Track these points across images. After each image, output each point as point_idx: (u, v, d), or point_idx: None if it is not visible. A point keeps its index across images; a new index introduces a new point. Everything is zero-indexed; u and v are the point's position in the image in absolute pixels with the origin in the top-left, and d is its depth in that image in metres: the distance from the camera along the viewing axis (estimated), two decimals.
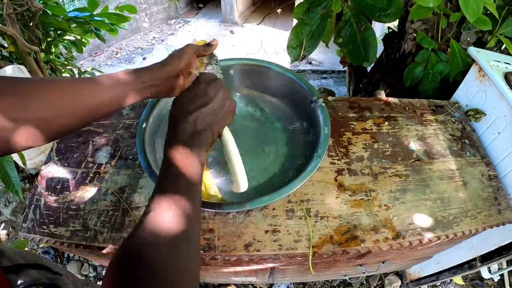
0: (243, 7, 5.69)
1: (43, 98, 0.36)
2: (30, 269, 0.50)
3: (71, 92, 0.39)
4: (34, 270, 0.50)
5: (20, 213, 1.61)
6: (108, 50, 4.64)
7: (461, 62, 1.05)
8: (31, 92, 0.35)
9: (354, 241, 0.64)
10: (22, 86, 0.35)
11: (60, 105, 0.37)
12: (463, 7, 0.86)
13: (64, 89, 0.39)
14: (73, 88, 0.39)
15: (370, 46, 1.14)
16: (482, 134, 0.88)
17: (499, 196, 0.76)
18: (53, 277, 0.53)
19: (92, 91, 0.41)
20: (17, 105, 0.34)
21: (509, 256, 0.86)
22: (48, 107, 0.36)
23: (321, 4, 1.15)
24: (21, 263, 0.49)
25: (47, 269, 0.53)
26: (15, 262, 0.48)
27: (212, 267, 0.80)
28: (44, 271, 0.52)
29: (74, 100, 0.39)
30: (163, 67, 0.48)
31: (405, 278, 1.39)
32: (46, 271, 0.53)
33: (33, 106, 0.35)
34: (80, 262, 1.48)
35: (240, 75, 0.83)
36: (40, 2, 1.41)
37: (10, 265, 0.47)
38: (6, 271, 0.45)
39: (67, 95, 0.38)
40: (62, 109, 0.37)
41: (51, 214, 0.68)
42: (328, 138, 0.66)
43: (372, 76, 1.53)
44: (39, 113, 0.35)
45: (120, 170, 0.74)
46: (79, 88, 0.40)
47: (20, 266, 0.49)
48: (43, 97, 0.36)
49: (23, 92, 0.35)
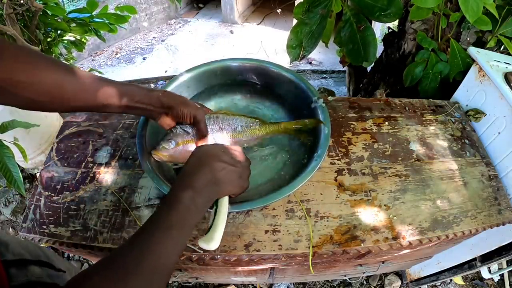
0: (243, 7, 5.69)
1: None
2: (33, 265, 0.50)
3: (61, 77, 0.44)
4: (37, 267, 0.50)
5: (20, 213, 1.61)
6: (108, 50, 4.64)
7: (461, 62, 1.05)
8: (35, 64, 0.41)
9: (354, 241, 0.64)
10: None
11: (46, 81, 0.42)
12: (463, 7, 0.86)
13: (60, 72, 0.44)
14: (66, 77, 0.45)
15: (370, 46, 1.14)
16: (482, 134, 0.88)
17: (499, 196, 0.76)
18: (56, 274, 0.53)
19: (80, 88, 0.46)
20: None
21: (509, 256, 0.86)
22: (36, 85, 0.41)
23: (321, 4, 1.15)
24: (25, 258, 0.50)
25: (51, 266, 0.53)
26: (19, 257, 0.49)
27: (212, 267, 0.80)
28: (47, 268, 0.52)
29: (59, 86, 0.44)
30: (161, 97, 0.54)
31: (405, 278, 1.39)
32: (49, 268, 0.53)
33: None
34: (80, 262, 1.48)
35: (240, 76, 0.83)
36: (40, 2, 1.40)
37: (13, 259, 0.47)
38: (8, 265, 0.45)
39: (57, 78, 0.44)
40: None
41: (51, 214, 0.68)
42: (328, 138, 0.66)
43: (372, 76, 1.53)
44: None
45: (120, 170, 0.74)
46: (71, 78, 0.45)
47: (24, 262, 0.49)
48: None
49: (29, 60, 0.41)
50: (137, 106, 0.51)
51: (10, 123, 0.81)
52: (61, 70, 0.44)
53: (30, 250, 0.52)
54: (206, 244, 0.47)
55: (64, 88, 0.44)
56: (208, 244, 0.47)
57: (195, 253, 0.62)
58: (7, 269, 0.44)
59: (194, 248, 0.62)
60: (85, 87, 0.46)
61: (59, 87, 0.44)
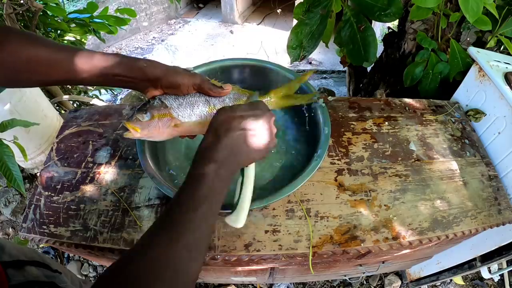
0: (243, 7, 5.69)
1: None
2: (30, 266, 0.50)
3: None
4: (33, 268, 0.50)
5: (20, 213, 1.61)
6: (108, 50, 4.63)
7: (461, 62, 1.05)
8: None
9: (354, 241, 0.64)
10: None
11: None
12: (463, 7, 0.86)
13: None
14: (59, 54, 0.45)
15: (370, 46, 1.14)
16: (482, 134, 0.88)
17: (499, 196, 0.76)
18: (52, 275, 0.53)
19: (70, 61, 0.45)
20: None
21: (509, 256, 0.86)
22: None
23: (321, 4, 1.15)
24: (21, 259, 0.49)
25: (47, 267, 0.53)
26: (16, 258, 0.49)
27: (212, 267, 0.80)
28: (43, 268, 0.52)
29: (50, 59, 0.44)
30: (145, 68, 0.48)
31: (405, 278, 1.39)
32: (45, 268, 0.53)
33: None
34: (80, 262, 1.48)
35: (240, 75, 0.83)
36: (40, 2, 1.40)
37: (10, 260, 0.47)
38: (5, 266, 0.45)
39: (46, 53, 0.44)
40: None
41: (51, 214, 0.68)
42: (328, 138, 0.66)
43: (372, 76, 1.53)
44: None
45: (120, 170, 0.74)
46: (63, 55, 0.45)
47: (20, 263, 0.49)
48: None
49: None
50: (117, 78, 0.47)
51: (10, 122, 0.81)
52: (34, 43, 0.44)
53: (25, 252, 0.52)
54: (233, 223, 0.47)
55: (39, 61, 0.44)
56: (235, 223, 0.47)
57: None
58: (5, 270, 0.45)
59: None
60: (60, 58, 0.45)
61: (33, 61, 0.43)
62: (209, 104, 0.55)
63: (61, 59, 0.45)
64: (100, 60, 0.46)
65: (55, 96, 1.55)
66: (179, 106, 0.52)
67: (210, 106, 0.55)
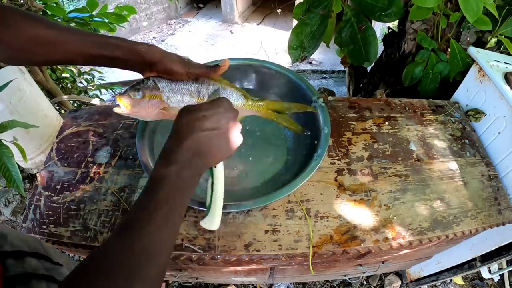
0: (243, 7, 5.69)
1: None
2: (30, 257, 0.50)
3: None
4: (34, 259, 0.50)
5: (20, 213, 1.61)
6: None
7: (461, 62, 1.05)
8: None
9: (354, 241, 0.64)
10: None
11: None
12: (463, 7, 0.86)
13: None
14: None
15: (371, 46, 1.14)
16: (482, 134, 0.88)
17: (499, 196, 0.76)
18: (52, 267, 0.53)
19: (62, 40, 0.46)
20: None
21: (509, 256, 0.86)
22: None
23: (321, 4, 1.15)
24: (23, 250, 0.49)
25: (48, 259, 0.53)
26: (17, 249, 0.49)
27: (212, 267, 0.80)
28: (44, 261, 0.52)
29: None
30: (143, 53, 0.49)
31: (405, 278, 1.39)
32: (46, 261, 0.53)
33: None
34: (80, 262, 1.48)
35: (240, 75, 0.83)
36: (40, 2, 1.40)
37: (11, 250, 0.47)
38: (5, 256, 0.45)
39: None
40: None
41: (51, 214, 0.68)
42: (328, 138, 0.66)
43: (372, 76, 1.53)
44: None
45: (120, 170, 0.74)
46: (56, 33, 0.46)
47: (21, 253, 0.49)
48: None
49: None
50: (117, 60, 0.49)
51: (10, 122, 0.81)
52: (39, 23, 0.45)
53: (29, 243, 0.52)
54: (208, 226, 0.47)
55: (42, 41, 0.44)
56: (210, 227, 0.47)
57: (195, 253, 0.62)
58: (4, 260, 0.45)
59: (194, 248, 0.62)
60: (63, 39, 0.46)
61: (36, 40, 0.44)
62: (199, 95, 0.56)
63: (65, 40, 0.46)
64: (102, 42, 0.48)
65: (55, 96, 1.55)
66: (171, 91, 0.54)
67: (200, 96, 0.56)
